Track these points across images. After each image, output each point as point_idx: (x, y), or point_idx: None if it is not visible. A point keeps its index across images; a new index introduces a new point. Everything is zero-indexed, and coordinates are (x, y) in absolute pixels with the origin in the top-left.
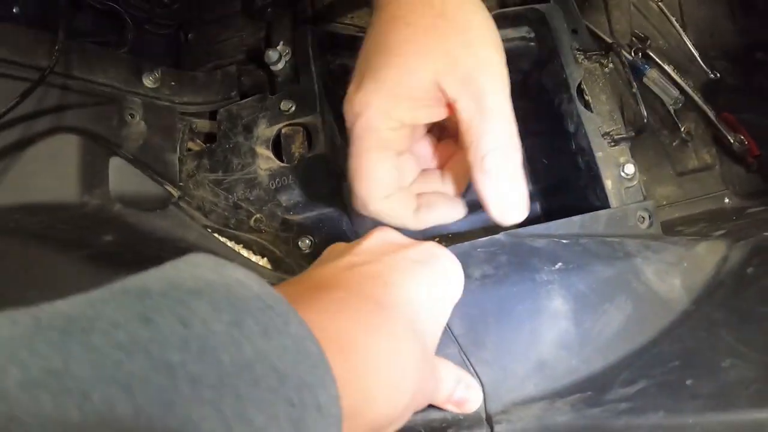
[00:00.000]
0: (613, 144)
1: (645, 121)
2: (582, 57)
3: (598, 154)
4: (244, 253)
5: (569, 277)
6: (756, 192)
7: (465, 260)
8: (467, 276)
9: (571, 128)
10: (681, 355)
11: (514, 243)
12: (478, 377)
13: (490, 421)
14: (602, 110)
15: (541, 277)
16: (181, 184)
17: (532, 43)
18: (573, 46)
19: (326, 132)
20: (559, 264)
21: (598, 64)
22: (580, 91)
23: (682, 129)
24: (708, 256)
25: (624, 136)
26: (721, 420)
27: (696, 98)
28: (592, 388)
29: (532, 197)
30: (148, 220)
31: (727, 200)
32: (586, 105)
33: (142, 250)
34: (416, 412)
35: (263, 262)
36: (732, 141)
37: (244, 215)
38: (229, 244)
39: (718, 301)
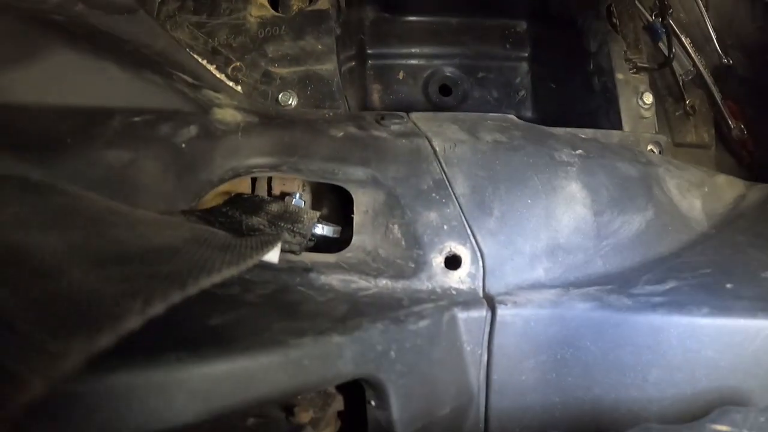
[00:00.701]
0: (634, 71)
1: (671, 55)
2: None
3: (618, 76)
4: (216, 73)
5: (590, 165)
6: None
7: (474, 126)
8: (476, 139)
9: (593, 47)
10: (710, 264)
11: (528, 125)
12: (479, 247)
13: (491, 301)
14: (628, 36)
15: (560, 156)
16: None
17: None
18: None
19: None
20: (580, 151)
21: None
22: (609, 12)
23: (687, 102)
24: (728, 188)
25: (647, 66)
26: None
27: (706, 77)
28: (614, 283)
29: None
30: (113, 22)
31: None
32: (613, 27)
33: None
34: (398, 280)
35: (235, 87)
36: (732, 127)
37: (221, 62)
38: (201, 60)
39: (739, 229)
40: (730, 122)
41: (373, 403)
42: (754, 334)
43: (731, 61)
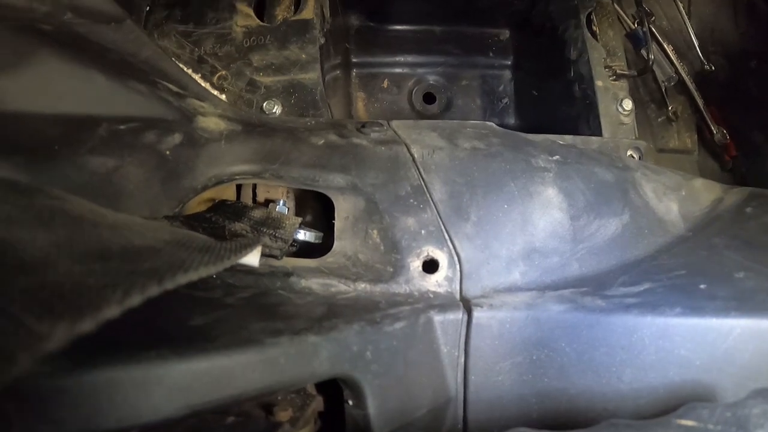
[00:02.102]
0: (614, 78)
1: (650, 62)
2: None
3: (598, 83)
4: (201, 82)
5: (567, 170)
6: None
7: (453, 134)
8: (455, 146)
9: (573, 55)
10: (685, 266)
11: (507, 132)
12: (456, 251)
13: (467, 304)
14: (608, 44)
15: (537, 162)
16: (145, 31)
17: None
18: None
19: None
20: (557, 156)
21: (611, 0)
22: (589, 21)
23: (670, 108)
24: (704, 192)
25: (626, 73)
26: (745, 325)
27: (688, 83)
28: (589, 285)
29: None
30: (100, 31)
31: None
32: (593, 35)
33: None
34: (376, 284)
35: (220, 95)
36: (715, 132)
37: (207, 71)
38: (186, 69)
39: (716, 231)
40: (712, 127)
41: (350, 402)
42: (727, 333)
43: (713, 68)
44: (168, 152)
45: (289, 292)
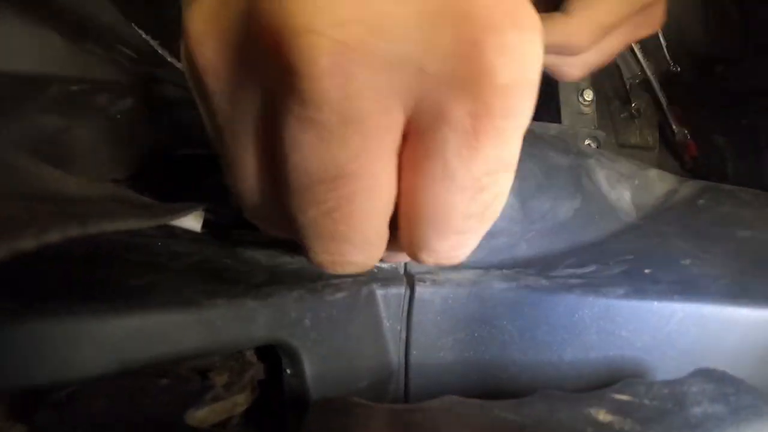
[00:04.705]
0: None
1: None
2: None
3: None
4: (159, 50)
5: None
6: None
7: None
8: None
9: None
10: (633, 252)
11: None
12: None
13: (410, 279)
14: None
15: None
16: None
17: None
18: None
19: None
20: None
21: None
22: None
23: (633, 105)
24: (659, 182)
25: None
26: (688, 310)
27: (653, 81)
28: (535, 266)
29: None
30: None
31: None
32: None
33: None
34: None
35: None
36: (676, 132)
37: (169, 36)
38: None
39: (668, 220)
40: (674, 127)
41: (288, 371)
42: (669, 316)
43: (679, 68)
44: (119, 116)
45: (234, 261)
